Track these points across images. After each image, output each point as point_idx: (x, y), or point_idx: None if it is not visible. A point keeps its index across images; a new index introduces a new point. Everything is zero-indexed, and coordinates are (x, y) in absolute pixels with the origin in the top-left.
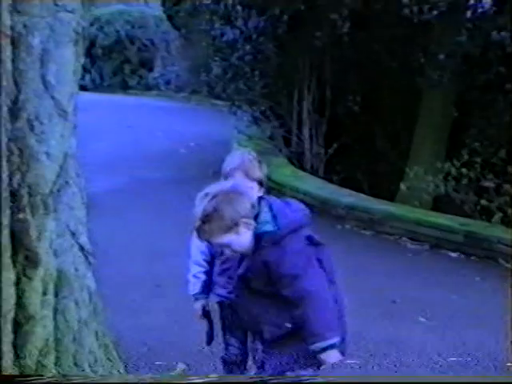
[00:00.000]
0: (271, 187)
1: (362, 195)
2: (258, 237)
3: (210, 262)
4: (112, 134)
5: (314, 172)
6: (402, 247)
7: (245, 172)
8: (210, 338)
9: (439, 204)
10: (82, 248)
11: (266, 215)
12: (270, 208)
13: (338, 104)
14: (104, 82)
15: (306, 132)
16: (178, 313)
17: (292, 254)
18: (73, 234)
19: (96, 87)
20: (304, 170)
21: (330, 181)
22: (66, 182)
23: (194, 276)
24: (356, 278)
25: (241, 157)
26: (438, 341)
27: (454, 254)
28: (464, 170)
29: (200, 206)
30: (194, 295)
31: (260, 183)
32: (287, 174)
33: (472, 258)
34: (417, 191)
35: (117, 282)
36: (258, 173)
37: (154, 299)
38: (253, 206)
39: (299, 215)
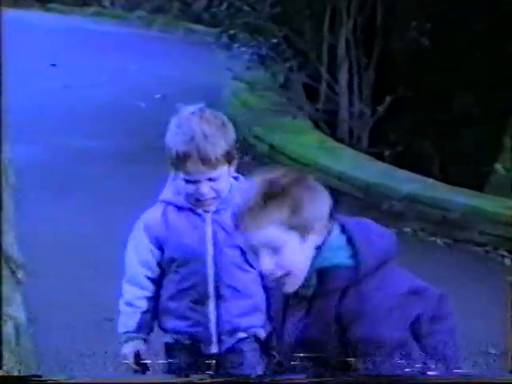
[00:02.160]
0: (284, 164)
1: (431, 181)
2: (326, 272)
3: (156, 281)
4: (25, 75)
5: (354, 143)
6: (499, 265)
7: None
8: None
9: None
10: (6, 259)
11: (337, 239)
12: (342, 228)
13: (394, 34)
14: None
15: (342, 79)
16: None
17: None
18: None
19: None
20: (338, 139)
21: (380, 157)
22: None
23: (129, 304)
24: None
25: (187, 128)
26: None
27: None
28: None
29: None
30: (125, 334)
31: (228, 160)
32: (311, 144)
33: None
34: None
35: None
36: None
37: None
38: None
39: (386, 242)
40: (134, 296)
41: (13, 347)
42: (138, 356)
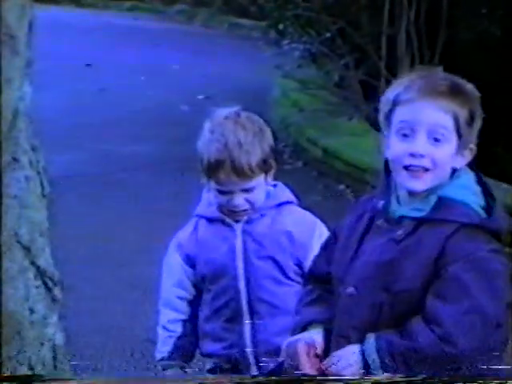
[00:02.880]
0: (340, 171)
1: (505, 186)
2: (449, 202)
3: (193, 303)
4: (60, 77)
5: None
6: None
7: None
8: None
9: None
10: (41, 273)
11: (471, 181)
12: (478, 178)
13: (461, 24)
14: None
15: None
16: None
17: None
18: (26, 250)
19: None
20: None
21: None
22: (14, 159)
23: (164, 327)
24: None
25: (220, 134)
26: None
27: None
28: None
29: None
30: (159, 361)
31: (265, 169)
32: (369, 148)
33: None
34: None
35: None
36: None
37: None
38: None
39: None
40: (168, 319)
41: (51, 370)
42: None
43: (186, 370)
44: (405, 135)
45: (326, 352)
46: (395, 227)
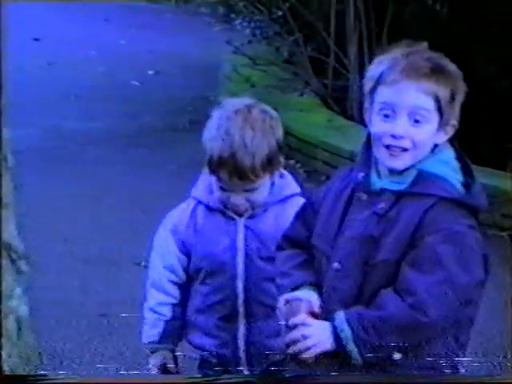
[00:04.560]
0: (291, 147)
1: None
2: (428, 177)
3: (184, 288)
4: (7, 52)
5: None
6: None
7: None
8: None
9: None
10: (5, 246)
11: (451, 156)
12: (458, 155)
13: (407, 0)
14: None
15: (351, 51)
16: None
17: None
18: None
19: None
20: (348, 116)
21: None
22: None
23: (153, 310)
24: None
25: (226, 131)
26: None
27: None
28: None
29: None
30: (148, 344)
31: (270, 169)
32: (319, 123)
33: None
34: None
35: None
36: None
37: None
38: None
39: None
40: (158, 302)
41: (14, 342)
42: (165, 369)
43: (176, 353)
44: (386, 115)
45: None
46: (376, 200)
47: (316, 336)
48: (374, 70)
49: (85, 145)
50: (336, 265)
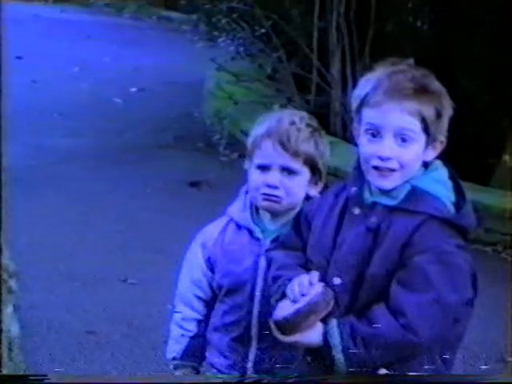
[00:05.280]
0: None
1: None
2: (421, 194)
3: (210, 304)
4: None
5: (347, 136)
6: (509, 266)
7: (280, 141)
8: None
9: None
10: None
11: (443, 175)
12: (451, 174)
13: (389, 18)
14: None
15: (334, 68)
16: None
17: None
18: None
19: None
20: (331, 132)
21: None
22: None
23: (178, 325)
24: None
25: (278, 117)
26: None
27: None
28: None
29: None
30: (172, 360)
31: (312, 165)
32: None
33: None
34: None
35: None
36: (307, 146)
37: None
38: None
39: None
40: (183, 317)
41: (6, 362)
42: None
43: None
44: (373, 136)
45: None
46: (368, 213)
47: (308, 337)
48: (359, 90)
49: (69, 162)
50: (337, 280)
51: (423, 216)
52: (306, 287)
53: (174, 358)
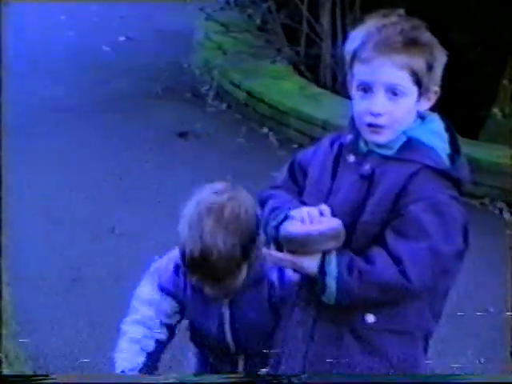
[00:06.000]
0: (263, 114)
1: None
2: (416, 144)
3: (172, 327)
4: None
5: (338, 89)
6: (497, 219)
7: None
8: None
9: None
10: None
11: (439, 126)
12: (447, 127)
13: None
14: None
15: (324, 19)
16: None
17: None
18: None
19: None
20: (321, 85)
21: None
22: None
23: (132, 340)
24: None
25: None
26: None
27: None
28: None
29: None
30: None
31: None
32: (292, 91)
33: None
34: None
35: None
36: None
37: None
38: None
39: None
40: (136, 334)
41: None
42: None
43: None
44: (364, 92)
45: None
46: (363, 161)
47: (305, 261)
48: (349, 44)
49: (56, 111)
50: None
51: (418, 165)
52: (316, 215)
53: (131, 369)
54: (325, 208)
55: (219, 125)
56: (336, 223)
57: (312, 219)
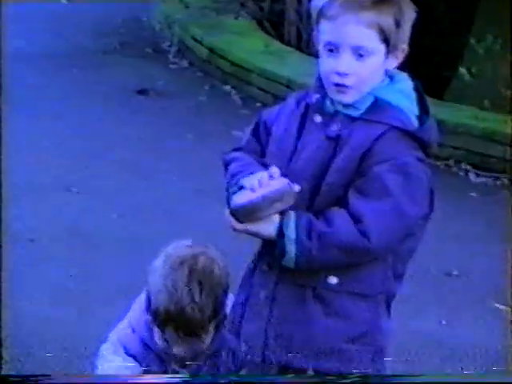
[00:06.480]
0: (226, 72)
1: None
2: (383, 104)
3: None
4: None
5: (302, 46)
6: (462, 181)
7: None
8: None
9: None
10: None
11: (407, 85)
12: (416, 86)
13: None
14: None
15: None
16: None
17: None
18: None
19: None
20: (285, 42)
21: None
22: None
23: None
24: None
25: None
26: None
27: None
28: None
29: None
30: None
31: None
32: (255, 48)
33: None
34: (487, 82)
35: None
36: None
37: None
38: None
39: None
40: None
41: None
42: None
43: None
44: (331, 50)
45: None
46: (329, 122)
47: (264, 226)
48: (315, 2)
49: (17, 64)
50: (298, 187)
51: (385, 126)
52: (265, 180)
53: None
54: (275, 171)
55: (181, 82)
56: (280, 184)
57: (261, 184)
